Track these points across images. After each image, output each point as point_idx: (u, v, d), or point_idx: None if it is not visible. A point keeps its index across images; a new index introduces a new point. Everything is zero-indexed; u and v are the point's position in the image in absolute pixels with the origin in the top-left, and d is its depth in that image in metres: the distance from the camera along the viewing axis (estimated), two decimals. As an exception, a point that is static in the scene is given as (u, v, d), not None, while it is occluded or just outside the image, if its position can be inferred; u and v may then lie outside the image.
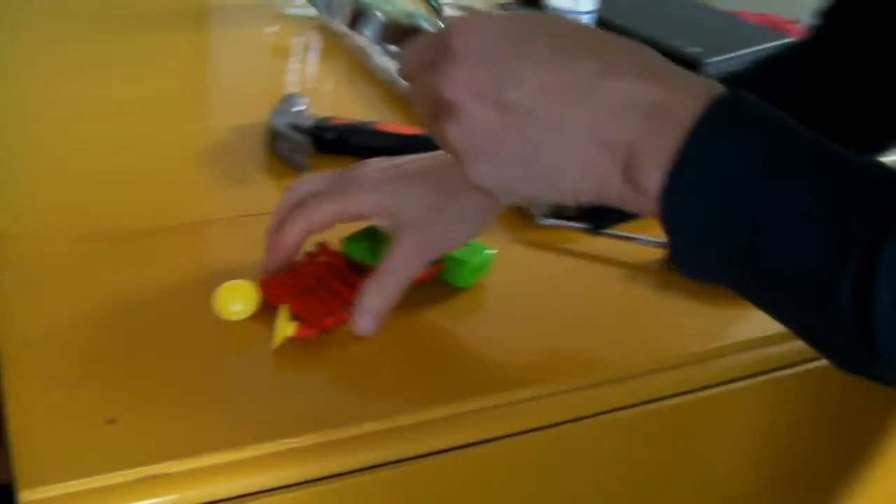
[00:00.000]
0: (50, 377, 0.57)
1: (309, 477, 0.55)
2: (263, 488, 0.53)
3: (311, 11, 1.19)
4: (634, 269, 0.76)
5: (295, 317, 0.61)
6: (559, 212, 0.80)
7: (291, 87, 1.05)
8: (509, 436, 0.60)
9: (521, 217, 0.79)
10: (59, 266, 0.68)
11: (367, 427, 0.56)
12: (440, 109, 0.48)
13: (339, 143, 0.87)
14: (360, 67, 1.08)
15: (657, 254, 0.77)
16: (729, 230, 0.42)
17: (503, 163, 0.47)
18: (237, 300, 0.62)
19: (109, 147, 0.85)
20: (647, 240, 0.78)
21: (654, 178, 0.43)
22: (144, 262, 0.69)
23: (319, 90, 1.02)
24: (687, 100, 0.43)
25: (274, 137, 0.86)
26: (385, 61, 1.05)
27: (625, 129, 0.44)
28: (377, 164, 0.65)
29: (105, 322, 0.62)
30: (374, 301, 0.60)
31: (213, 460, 0.53)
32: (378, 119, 0.89)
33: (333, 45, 1.14)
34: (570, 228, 0.80)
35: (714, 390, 0.67)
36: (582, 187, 0.47)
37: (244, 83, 1.04)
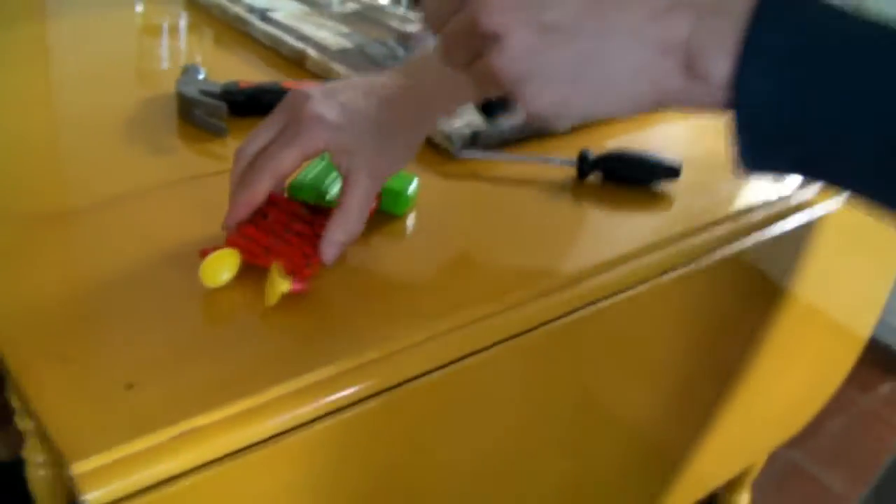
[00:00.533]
0: (51, 353, 0.56)
1: (322, 412, 0.57)
2: (285, 428, 0.56)
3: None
4: (550, 188, 0.83)
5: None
6: (474, 142, 0.85)
7: (181, 59, 1.05)
8: (477, 352, 0.65)
9: (439, 154, 0.84)
10: (7, 248, 0.66)
11: (364, 356, 0.59)
12: (483, 44, 0.48)
13: (251, 104, 0.88)
14: (240, 35, 1.10)
15: (571, 173, 0.85)
16: (808, 103, 0.42)
17: (555, 83, 0.48)
18: (225, 268, 0.63)
19: (19, 132, 0.83)
20: (560, 160, 0.85)
21: (722, 65, 0.44)
22: (96, 238, 0.68)
23: (209, 60, 1.02)
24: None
25: (186, 106, 0.86)
26: (265, 26, 1.07)
27: (675, 27, 0.45)
28: (319, 99, 0.65)
29: (82, 297, 0.62)
30: (340, 235, 0.63)
31: (235, 408, 0.55)
32: (272, 80, 0.91)
33: (205, 18, 1.15)
34: (488, 158, 0.86)
35: (638, 289, 0.74)
36: (638, 93, 0.48)
37: (132, 61, 1.03)
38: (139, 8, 1.17)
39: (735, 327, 0.93)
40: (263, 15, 1.11)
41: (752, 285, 0.90)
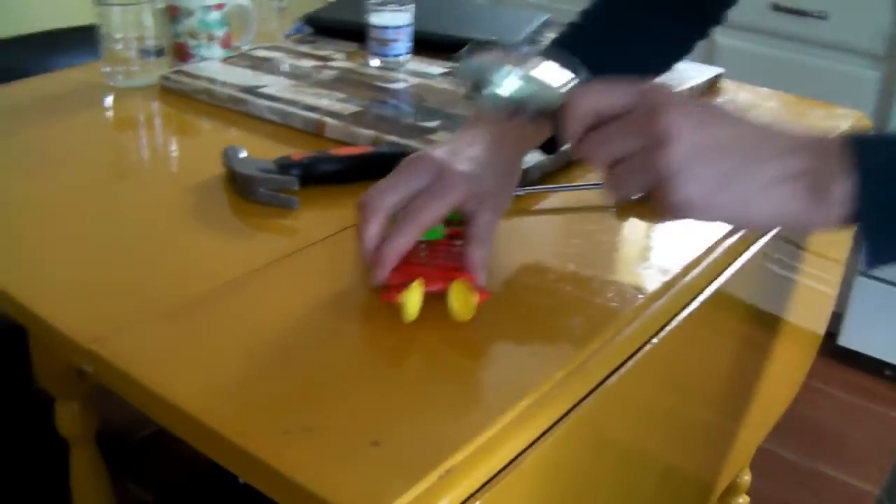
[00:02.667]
0: (291, 428, 0.59)
1: (546, 426, 0.63)
2: (521, 449, 0.61)
3: (141, 81, 1.19)
4: (600, 209, 0.91)
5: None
6: (526, 182, 0.93)
7: (192, 146, 1.07)
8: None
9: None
10: (175, 345, 0.69)
11: (559, 374, 0.65)
12: (655, 139, 0.58)
13: (321, 175, 0.92)
14: (232, 115, 1.13)
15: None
16: None
17: (705, 183, 0.58)
18: (419, 299, 0.69)
19: (87, 240, 0.84)
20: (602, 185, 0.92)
21: (844, 187, 0.57)
22: (234, 319, 0.71)
23: (221, 142, 1.02)
24: (826, 141, 0.59)
25: (249, 185, 0.89)
26: (267, 102, 1.10)
27: (800, 162, 0.58)
28: (451, 157, 0.73)
29: (278, 371, 0.65)
30: (479, 258, 0.71)
31: (478, 441, 0.59)
32: (296, 150, 0.95)
33: (187, 105, 1.17)
34: (535, 192, 0.94)
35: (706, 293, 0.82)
36: (768, 208, 0.59)
37: (145, 155, 1.05)
38: (109, 104, 1.18)
39: (744, 326, 1.02)
40: (256, 92, 1.12)
41: (757, 283, 0.99)
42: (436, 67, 1.27)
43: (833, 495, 1.84)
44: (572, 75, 0.66)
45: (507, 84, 0.65)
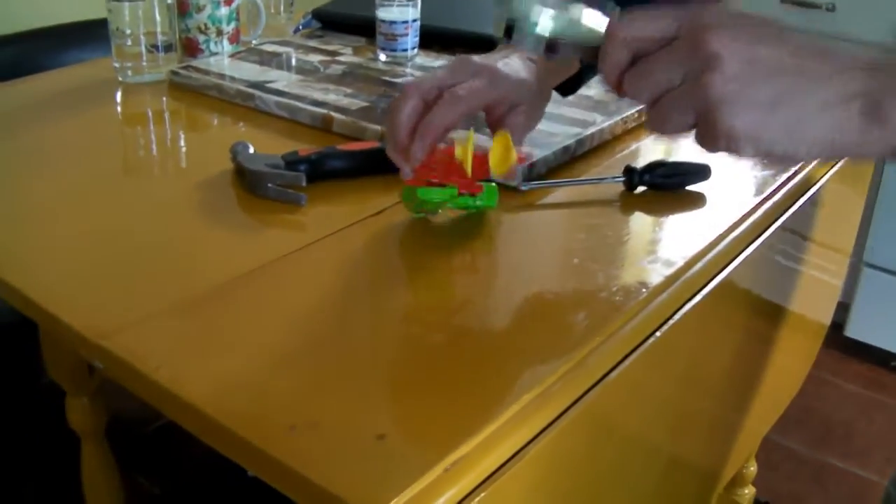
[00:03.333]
0: (298, 423, 0.60)
1: (550, 419, 0.63)
2: (529, 438, 0.61)
3: (150, 76, 1.20)
4: (610, 203, 0.93)
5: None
6: (532, 177, 0.93)
7: (199, 141, 1.08)
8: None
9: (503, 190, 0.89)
10: (184, 336, 0.69)
11: (563, 368, 0.66)
12: (701, 65, 0.55)
13: (329, 170, 0.93)
14: (240, 110, 1.13)
15: (617, 188, 0.94)
16: None
17: (755, 107, 0.54)
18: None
19: (97, 235, 0.84)
20: (612, 178, 0.94)
21: None
22: (242, 314, 0.72)
23: (230, 137, 1.02)
24: (883, 61, 0.55)
25: (257, 180, 0.89)
26: (276, 97, 1.11)
27: (856, 83, 0.54)
28: (479, 60, 0.77)
29: (287, 367, 0.66)
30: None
31: (484, 433, 0.59)
32: (303, 145, 0.96)
33: (194, 100, 1.17)
34: (548, 186, 0.94)
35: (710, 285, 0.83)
36: (822, 133, 0.55)
37: (154, 151, 1.06)
38: (119, 100, 1.18)
39: (749, 318, 1.02)
40: (264, 87, 1.13)
41: (762, 274, 0.99)
42: (443, 62, 1.28)
43: (840, 486, 1.84)
44: (605, 16, 0.63)
45: (543, 22, 0.63)
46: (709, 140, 0.57)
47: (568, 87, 0.87)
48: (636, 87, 0.58)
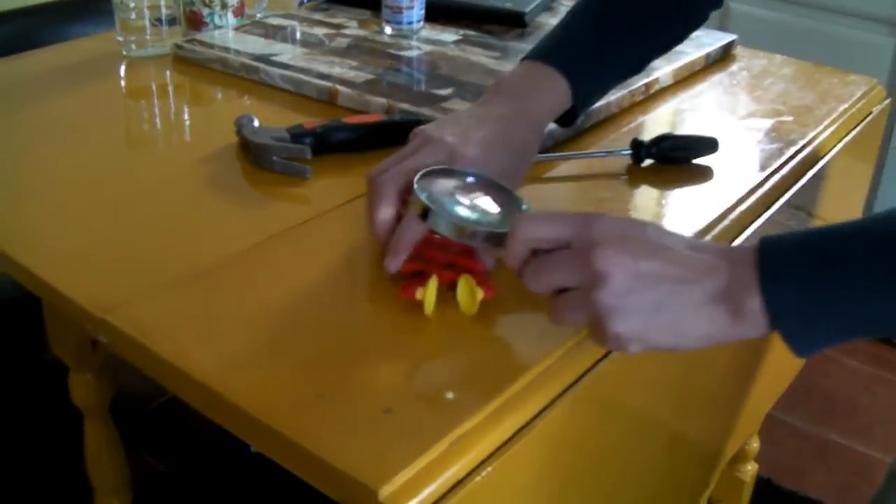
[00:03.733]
0: (304, 395, 0.60)
1: (553, 396, 0.63)
2: (532, 415, 0.62)
3: (154, 50, 1.20)
4: (618, 175, 0.92)
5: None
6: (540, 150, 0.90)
7: (204, 115, 1.08)
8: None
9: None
10: (188, 312, 0.69)
11: (567, 344, 0.66)
12: (591, 279, 0.58)
13: (334, 143, 0.92)
14: (245, 83, 1.13)
15: (625, 161, 0.94)
16: (830, 310, 0.56)
17: (639, 314, 0.58)
18: (436, 294, 0.68)
19: (101, 210, 0.84)
20: (622, 151, 0.94)
21: (756, 300, 0.57)
22: (247, 288, 0.72)
23: (235, 110, 1.01)
24: (740, 252, 0.59)
25: (262, 153, 0.89)
26: (281, 70, 1.10)
27: (720, 281, 0.58)
28: (459, 136, 0.74)
29: (291, 341, 0.65)
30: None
31: (490, 407, 0.60)
32: (308, 118, 0.95)
33: (198, 73, 1.17)
34: (557, 159, 0.94)
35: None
36: (697, 329, 0.59)
37: (158, 125, 1.05)
38: (122, 74, 1.17)
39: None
40: (268, 60, 1.12)
41: None
42: (449, 35, 1.27)
43: (842, 463, 1.84)
44: (517, 205, 0.69)
45: (458, 211, 0.67)
46: (599, 339, 0.61)
47: (565, 119, 0.86)
48: (533, 281, 0.62)
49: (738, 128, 1.03)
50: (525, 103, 0.79)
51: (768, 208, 0.89)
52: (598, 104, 0.99)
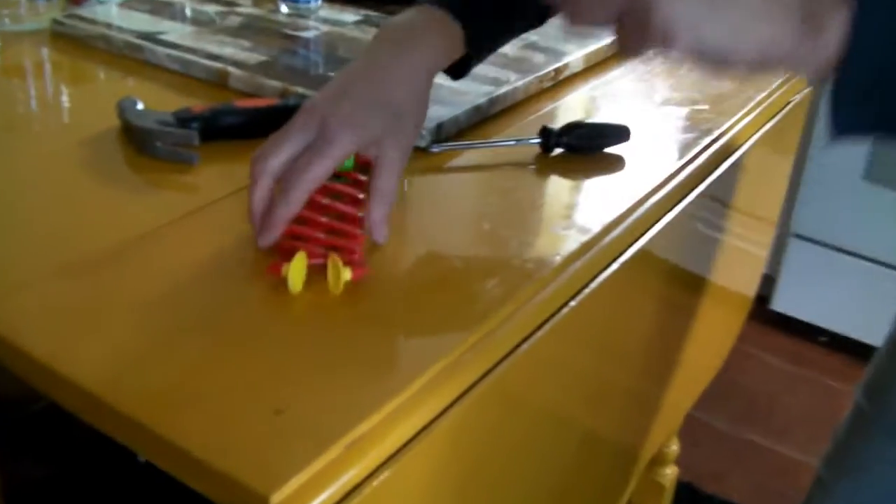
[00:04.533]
0: (183, 397, 0.59)
1: (458, 392, 0.64)
2: (432, 417, 0.62)
3: (30, 25, 1.18)
4: (523, 166, 0.93)
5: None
6: (439, 133, 0.94)
7: (86, 96, 1.06)
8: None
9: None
10: (52, 308, 0.68)
11: (471, 339, 0.66)
12: None
13: (223, 128, 0.92)
14: (131, 63, 1.12)
15: (534, 150, 0.95)
16: None
17: (693, 8, 0.55)
18: (304, 272, 0.69)
19: None
20: (529, 139, 0.95)
21: (838, 20, 0.54)
22: (129, 282, 0.71)
23: (116, 91, 1.02)
24: None
25: (146, 139, 0.88)
26: (167, 50, 1.09)
27: None
28: (334, 103, 0.72)
29: (172, 338, 0.65)
30: (383, 212, 0.72)
31: (386, 409, 0.59)
32: (197, 101, 0.95)
33: (79, 51, 1.16)
34: (458, 149, 0.95)
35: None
36: (761, 30, 0.55)
37: (32, 106, 1.03)
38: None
39: (669, 289, 1.05)
40: (155, 39, 1.11)
41: (683, 243, 1.02)
42: (349, 15, 1.28)
43: (762, 464, 1.89)
44: None
45: None
46: (638, 32, 0.56)
47: (457, 70, 0.86)
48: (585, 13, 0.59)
49: (652, 116, 1.06)
50: (413, 51, 0.77)
51: (683, 199, 0.92)
52: (503, 90, 1.01)
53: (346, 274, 0.69)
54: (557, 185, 0.90)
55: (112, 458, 1.30)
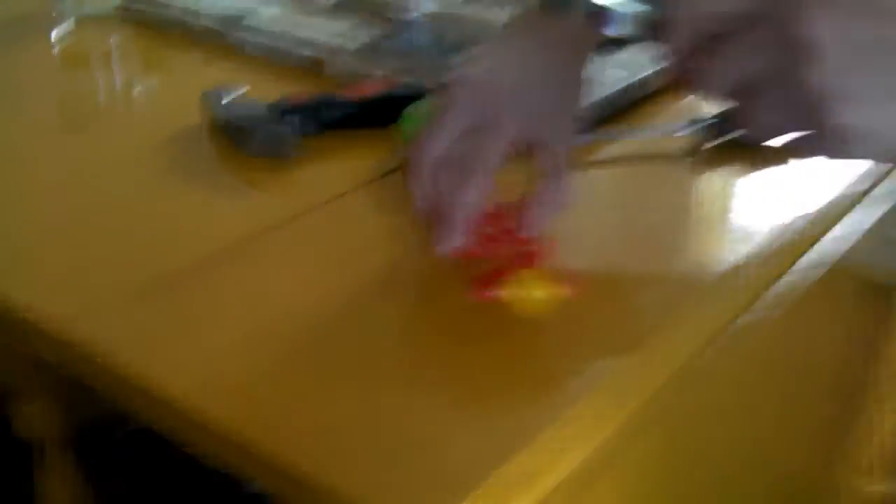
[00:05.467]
0: (311, 426, 0.60)
1: (620, 421, 0.63)
2: (596, 445, 0.61)
3: (96, 8, 1.21)
4: (672, 160, 0.92)
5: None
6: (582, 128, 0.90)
7: (167, 87, 1.08)
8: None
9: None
10: (144, 326, 0.69)
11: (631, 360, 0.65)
12: (795, 54, 0.53)
13: (327, 122, 0.93)
14: (211, 49, 1.15)
15: (685, 143, 0.93)
16: None
17: (873, 98, 0.53)
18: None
19: (41, 207, 0.85)
20: (680, 128, 0.94)
21: None
22: (229, 297, 0.72)
23: (200, 82, 1.03)
24: None
25: (236, 135, 0.90)
26: (254, 37, 1.13)
27: None
28: (489, 80, 0.72)
29: (275, 355, 0.66)
30: (545, 217, 0.71)
31: (542, 439, 0.59)
32: (292, 91, 0.96)
33: (152, 39, 1.18)
34: (598, 139, 0.94)
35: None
36: None
37: (114, 99, 1.07)
38: (58, 37, 1.18)
39: (860, 301, 1.02)
40: (240, 24, 1.14)
41: (872, 247, 0.97)
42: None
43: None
44: None
45: None
46: (810, 144, 0.57)
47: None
48: (709, 74, 0.58)
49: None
50: (556, 25, 0.76)
51: (866, 195, 0.89)
52: (651, 71, 1.01)
53: (550, 290, 0.68)
54: (720, 182, 0.89)
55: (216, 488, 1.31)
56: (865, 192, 0.89)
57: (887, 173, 0.90)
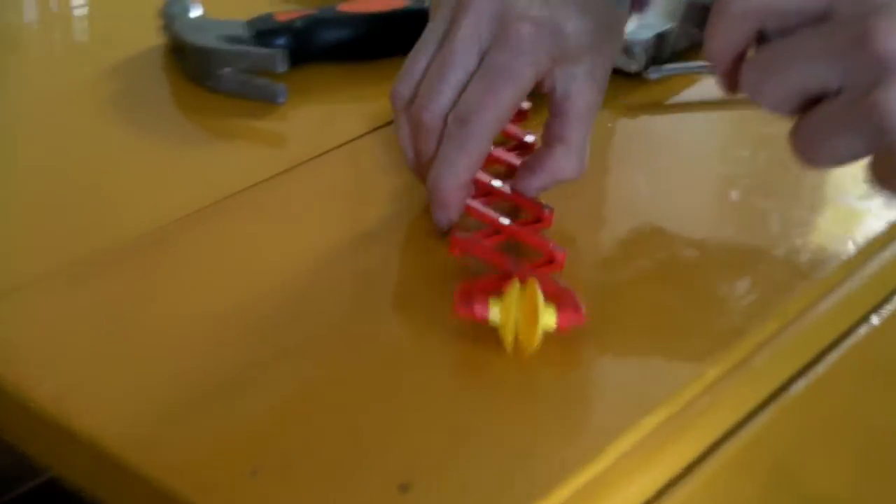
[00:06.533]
0: (242, 465, 0.56)
1: (692, 456, 0.60)
2: (658, 486, 0.58)
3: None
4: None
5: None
6: (660, 52, 0.90)
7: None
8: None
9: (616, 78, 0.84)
10: (71, 322, 0.66)
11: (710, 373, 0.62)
12: (870, 72, 0.54)
13: (323, 46, 0.91)
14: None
15: None
16: None
17: None
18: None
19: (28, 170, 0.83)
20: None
21: None
22: (184, 280, 0.69)
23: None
24: None
25: (205, 64, 0.87)
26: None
27: None
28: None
29: (233, 366, 0.62)
30: (574, 169, 0.71)
31: (583, 478, 0.55)
32: (281, 6, 0.95)
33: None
34: (690, 72, 0.91)
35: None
36: None
37: (39, 22, 1.06)
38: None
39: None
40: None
41: None
42: None
43: None
44: None
45: None
46: (888, 175, 0.57)
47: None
48: (761, 86, 0.59)
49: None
50: None
51: None
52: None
53: (549, 316, 0.62)
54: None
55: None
56: None
57: None
